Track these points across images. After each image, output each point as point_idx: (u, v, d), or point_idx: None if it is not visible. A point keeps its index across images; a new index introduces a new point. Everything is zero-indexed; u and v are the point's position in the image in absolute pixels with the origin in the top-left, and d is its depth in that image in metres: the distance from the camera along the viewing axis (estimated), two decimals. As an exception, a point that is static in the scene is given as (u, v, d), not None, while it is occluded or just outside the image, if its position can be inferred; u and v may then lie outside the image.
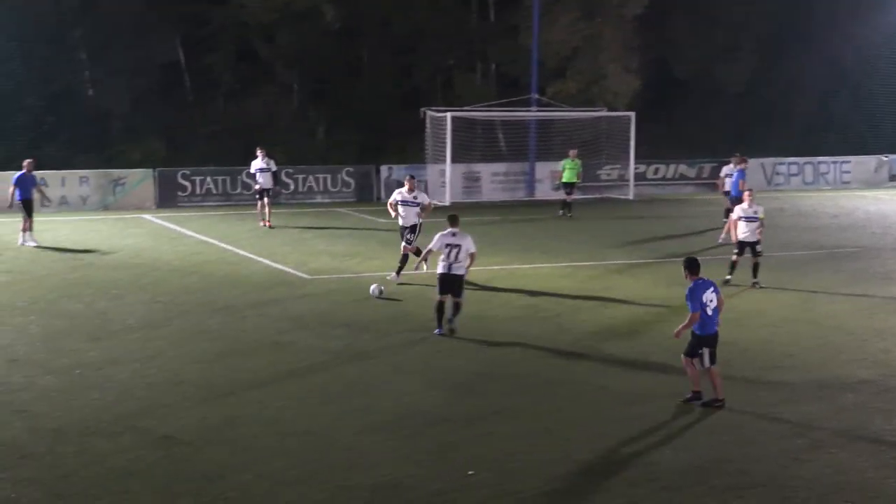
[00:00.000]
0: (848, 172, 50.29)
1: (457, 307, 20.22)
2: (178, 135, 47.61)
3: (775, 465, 13.55)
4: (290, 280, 25.83)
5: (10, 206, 31.49)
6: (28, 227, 30.44)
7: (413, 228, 25.14)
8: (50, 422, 14.93)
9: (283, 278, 26.03)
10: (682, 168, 47.71)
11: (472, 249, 20.45)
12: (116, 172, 40.49)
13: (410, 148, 46.53)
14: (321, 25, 49.12)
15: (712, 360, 15.41)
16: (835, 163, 50.35)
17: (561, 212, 38.85)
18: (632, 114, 45.22)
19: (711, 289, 15.51)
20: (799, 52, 55.19)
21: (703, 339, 15.36)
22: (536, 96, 45.04)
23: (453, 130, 41.74)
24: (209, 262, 28.19)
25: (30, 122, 44.68)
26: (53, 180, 39.01)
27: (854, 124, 54.56)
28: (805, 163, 49.88)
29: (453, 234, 20.48)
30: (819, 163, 50.06)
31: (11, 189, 30.95)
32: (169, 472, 13.09)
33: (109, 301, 22.97)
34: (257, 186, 35.31)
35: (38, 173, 38.75)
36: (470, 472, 13.15)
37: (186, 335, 19.95)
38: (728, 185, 34.01)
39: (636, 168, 45.62)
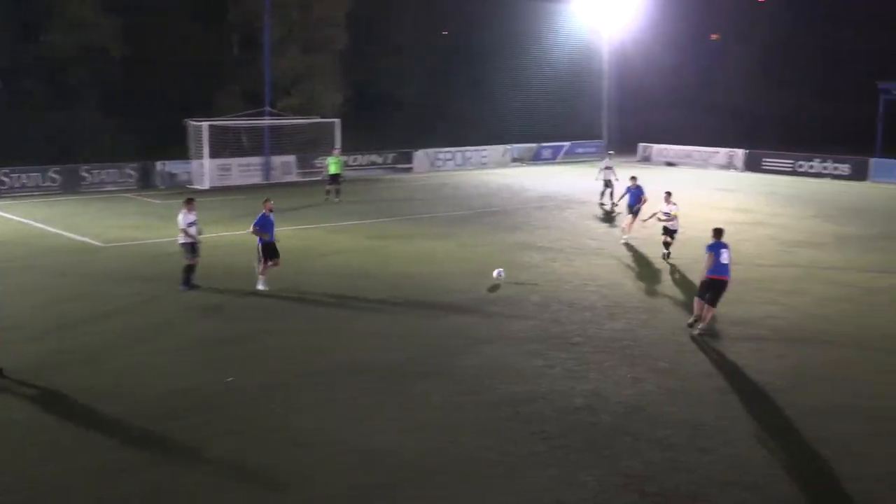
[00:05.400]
0: (485, 157, 52.07)
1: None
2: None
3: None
4: (91, 247, 24.63)
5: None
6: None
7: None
8: None
9: (85, 246, 24.77)
10: (373, 157, 47.98)
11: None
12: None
13: (181, 148, 44.74)
14: None
15: None
16: (476, 150, 52.12)
17: (329, 197, 35.39)
18: (338, 120, 45.23)
19: None
20: (459, 78, 57.33)
21: None
22: (269, 108, 44.72)
23: (210, 135, 40.94)
24: (31, 236, 26.37)
25: None
26: None
27: (492, 124, 55.52)
28: (456, 151, 51.42)
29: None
30: (465, 150, 51.77)
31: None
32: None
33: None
34: None
35: None
36: (229, 379, 13.24)
37: (22, 289, 18.84)
38: None
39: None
